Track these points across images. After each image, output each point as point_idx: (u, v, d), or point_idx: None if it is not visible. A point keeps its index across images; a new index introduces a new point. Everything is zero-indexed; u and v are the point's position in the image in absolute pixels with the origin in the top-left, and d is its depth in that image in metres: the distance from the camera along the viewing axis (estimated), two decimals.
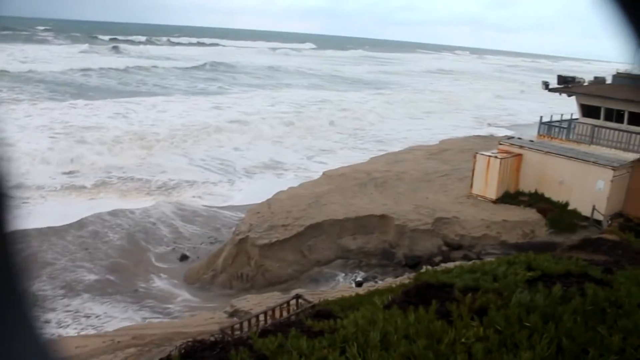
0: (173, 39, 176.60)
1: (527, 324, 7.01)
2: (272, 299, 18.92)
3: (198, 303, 22.15)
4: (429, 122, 64.03)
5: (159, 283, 23.34)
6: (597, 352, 6.29)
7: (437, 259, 23.38)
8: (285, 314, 14.74)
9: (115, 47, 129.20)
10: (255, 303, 18.84)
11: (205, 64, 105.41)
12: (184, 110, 56.55)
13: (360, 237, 24.76)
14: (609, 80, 33.39)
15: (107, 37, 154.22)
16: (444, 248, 24.41)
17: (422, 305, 8.15)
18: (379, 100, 76.79)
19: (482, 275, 9.68)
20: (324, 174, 31.69)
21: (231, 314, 18.62)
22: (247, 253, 23.72)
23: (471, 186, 28.18)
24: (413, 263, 23.43)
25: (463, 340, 6.85)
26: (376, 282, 22.07)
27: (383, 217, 25.00)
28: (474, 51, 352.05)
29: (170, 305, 21.74)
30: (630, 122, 29.32)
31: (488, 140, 40.57)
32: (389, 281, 20.46)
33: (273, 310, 14.92)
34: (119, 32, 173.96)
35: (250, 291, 22.04)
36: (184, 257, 25.31)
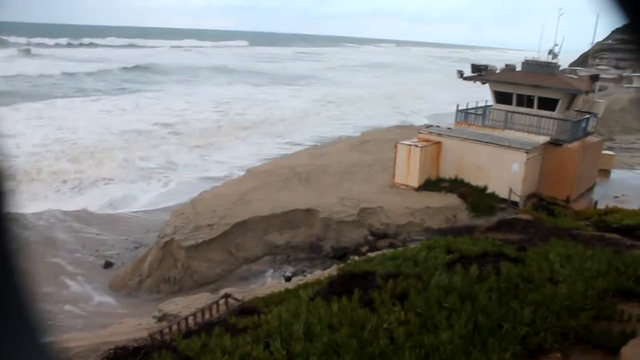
0: (95, 41, 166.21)
1: (446, 305, 7.24)
2: (201, 300, 18.64)
3: (125, 310, 21.56)
4: (343, 115, 64.70)
5: (80, 291, 22.57)
6: (510, 325, 6.57)
7: (364, 248, 23.67)
8: (215, 314, 14.57)
9: (26, 50, 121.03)
10: (184, 306, 18.52)
11: (131, 66, 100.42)
12: (101, 114, 54.91)
13: (287, 232, 24.77)
14: (519, 68, 34.75)
15: (21, 39, 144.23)
16: (370, 238, 24.74)
17: (346, 294, 8.26)
18: (295, 94, 77.36)
19: (404, 261, 9.91)
20: (248, 171, 31.49)
21: (160, 319, 18.22)
22: (174, 255, 23.29)
23: (394, 175, 28.66)
24: (340, 254, 23.62)
25: (385, 325, 7.00)
26: (305, 275, 22.12)
27: (309, 211, 25.10)
28: (400, 43, 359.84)
29: (94, 315, 21.06)
30: (540, 107, 30.71)
31: (409, 130, 41.33)
32: (318, 274, 20.55)
33: (202, 311, 14.69)
34: (28, 33, 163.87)
35: (178, 294, 21.64)
36: (108, 264, 24.54)
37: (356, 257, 19.67)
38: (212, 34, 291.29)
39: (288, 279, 22.17)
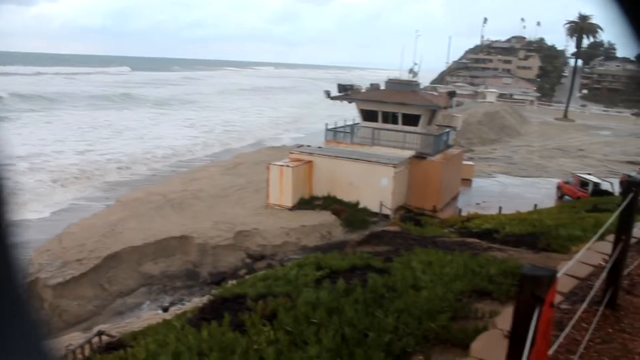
0: None
1: (314, 320, 7.36)
2: (72, 340, 17.61)
3: None
4: (218, 138, 64.38)
5: None
6: (375, 334, 6.79)
7: (242, 272, 23.49)
8: (88, 353, 13.80)
9: None
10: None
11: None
12: None
13: (162, 261, 24.07)
14: (383, 86, 36.32)
15: None
16: (248, 260, 24.62)
17: (216, 319, 8.18)
18: (168, 119, 76.17)
19: (275, 281, 9.96)
20: (117, 200, 30.34)
21: None
22: (39, 296, 21.84)
23: (268, 196, 28.76)
24: (218, 280, 23.29)
25: (255, 346, 6.99)
26: (183, 304, 21.56)
27: (183, 238, 24.57)
28: (278, 66, 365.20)
29: None
30: (404, 123, 32.26)
31: (280, 151, 41.71)
32: (196, 301, 20.13)
33: (73, 352, 13.88)
34: None
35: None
36: None
37: (234, 282, 19.51)
38: (88, 60, 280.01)
39: (165, 310, 21.51)
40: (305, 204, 28.61)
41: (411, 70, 38.49)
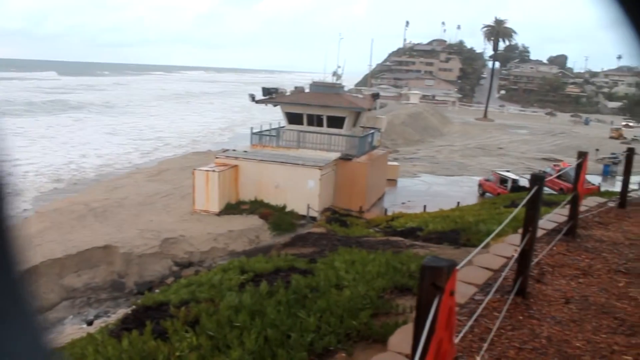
0: None
1: (237, 324, 7.33)
2: None
3: None
4: (140, 145, 63.14)
5: None
6: (298, 334, 6.82)
7: (170, 280, 23.07)
8: None
9: None
10: None
11: None
12: None
13: (85, 272, 23.29)
14: (307, 89, 36.53)
15: None
16: (175, 268, 24.19)
17: (138, 329, 8.01)
18: (90, 125, 74.07)
19: (198, 286, 9.84)
20: (35, 211, 29.15)
21: None
22: None
23: (194, 202, 28.36)
24: (145, 289, 22.80)
25: (177, 353, 6.90)
26: (109, 316, 21.01)
27: (107, 248, 23.86)
28: (207, 70, 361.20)
29: None
30: (329, 125, 32.56)
31: (206, 156, 41.29)
32: (122, 312, 19.64)
33: None
34: None
35: None
36: None
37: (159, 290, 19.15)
38: (9, 64, 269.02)
39: (90, 323, 20.88)
40: (232, 208, 28.38)
41: (335, 73, 38.97)
